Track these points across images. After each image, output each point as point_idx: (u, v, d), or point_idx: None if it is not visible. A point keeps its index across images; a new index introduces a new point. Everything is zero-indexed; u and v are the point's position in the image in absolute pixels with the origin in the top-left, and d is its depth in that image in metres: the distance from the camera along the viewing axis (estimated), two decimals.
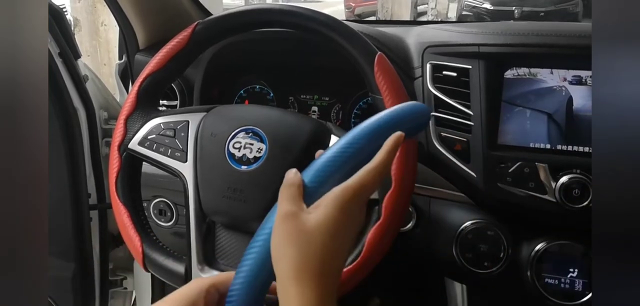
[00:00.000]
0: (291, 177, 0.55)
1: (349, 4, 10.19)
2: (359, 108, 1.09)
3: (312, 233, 0.50)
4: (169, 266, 0.75)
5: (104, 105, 1.27)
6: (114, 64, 1.26)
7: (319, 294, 0.48)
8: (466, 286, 1.08)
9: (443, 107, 0.85)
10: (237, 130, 0.74)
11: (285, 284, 0.50)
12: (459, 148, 0.84)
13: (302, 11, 0.75)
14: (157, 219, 1.03)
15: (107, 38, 3.59)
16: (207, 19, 0.79)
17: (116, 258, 1.37)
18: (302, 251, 0.49)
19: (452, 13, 9.00)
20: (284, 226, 0.51)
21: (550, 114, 0.82)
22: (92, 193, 1.24)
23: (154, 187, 1.00)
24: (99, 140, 1.24)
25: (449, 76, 0.85)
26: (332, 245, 0.50)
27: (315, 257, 0.49)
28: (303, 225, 0.50)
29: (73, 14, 3.52)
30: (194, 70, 1.03)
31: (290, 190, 0.54)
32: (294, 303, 0.49)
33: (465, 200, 0.88)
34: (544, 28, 0.83)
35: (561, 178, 0.79)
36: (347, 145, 0.55)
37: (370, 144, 0.55)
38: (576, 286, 0.83)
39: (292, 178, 0.55)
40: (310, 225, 0.50)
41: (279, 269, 0.51)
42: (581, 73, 0.80)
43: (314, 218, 0.51)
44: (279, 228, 0.52)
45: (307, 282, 0.49)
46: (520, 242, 0.85)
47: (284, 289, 0.50)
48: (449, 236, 0.86)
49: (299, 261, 0.49)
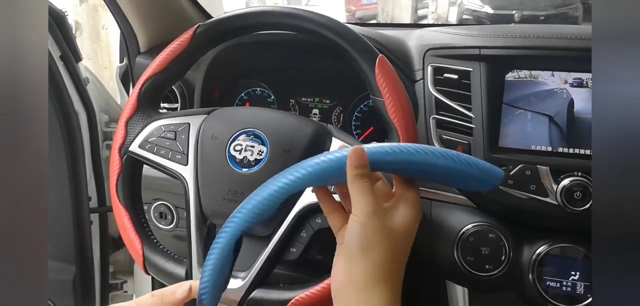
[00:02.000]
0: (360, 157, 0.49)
1: (350, 7, 10.20)
2: (360, 111, 1.09)
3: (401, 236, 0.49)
4: (169, 269, 0.74)
5: (105, 108, 1.28)
6: (114, 66, 1.26)
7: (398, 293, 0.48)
8: (467, 290, 1.08)
9: (444, 110, 0.85)
10: (238, 132, 0.73)
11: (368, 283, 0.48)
12: (460, 151, 0.84)
13: (303, 13, 0.75)
14: (157, 222, 1.03)
15: (108, 41, 3.60)
16: (208, 22, 0.79)
17: (116, 261, 1.37)
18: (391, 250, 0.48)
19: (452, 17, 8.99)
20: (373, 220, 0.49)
21: (552, 117, 0.82)
22: (93, 196, 1.24)
23: (155, 190, 1.00)
24: (99, 143, 1.24)
25: (450, 78, 0.85)
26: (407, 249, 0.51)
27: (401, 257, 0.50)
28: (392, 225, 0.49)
29: (74, 17, 3.53)
30: (194, 73, 1.03)
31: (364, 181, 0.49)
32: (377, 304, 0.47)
33: (466, 203, 0.88)
34: (545, 31, 0.83)
35: (562, 180, 0.79)
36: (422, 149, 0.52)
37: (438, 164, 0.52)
38: (578, 289, 0.82)
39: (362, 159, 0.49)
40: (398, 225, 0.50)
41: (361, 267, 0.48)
42: (582, 75, 0.80)
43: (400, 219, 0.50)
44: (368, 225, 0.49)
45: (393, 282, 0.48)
46: (522, 245, 0.85)
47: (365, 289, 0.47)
48: (450, 239, 0.86)
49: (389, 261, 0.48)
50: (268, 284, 0.71)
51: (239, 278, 0.71)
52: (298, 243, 0.71)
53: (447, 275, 0.98)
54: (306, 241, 0.71)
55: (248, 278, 0.70)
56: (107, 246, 1.30)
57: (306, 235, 0.71)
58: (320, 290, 0.68)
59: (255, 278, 0.70)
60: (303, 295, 0.68)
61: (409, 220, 0.50)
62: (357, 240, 0.49)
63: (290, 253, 0.72)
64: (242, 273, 0.72)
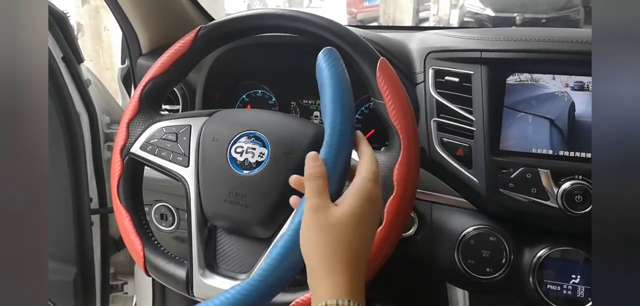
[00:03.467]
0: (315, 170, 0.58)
1: (351, 9, 10.21)
2: (361, 113, 1.09)
3: (342, 224, 0.54)
4: (170, 271, 0.74)
5: (106, 109, 1.28)
6: (116, 68, 1.26)
7: (348, 279, 0.52)
8: (468, 293, 1.08)
9: (445, 112, 0.85)
10: (239, 134, 0.74)
11: (317, 273, 0.54)
12: (461, 154, 0.84)
13: (304, 16, 0.76)
14: (158, 223, 1.03)
15: (109, 42, 3.61)
16: (210, 24, 0.79)
17: (117, 262, 1.37)
18: (333, 240, 0.54)
19: (453, 19, 8.99)
20: (314, 218, 0.55)
21: (553, 120, 0.82)
22: (94, 197, 1.24)
23: (155, 191, 1.00)
24: (101, 144, 1.24)
25: (451, 81, 0.85)
26: (360, 232, 0.55)
27: (345, 245, 0.54)
28: (332, 217, 0.54)
29: (76, 19, 3.53)
30: (196, 75, 1.03)
31: (315, 182, 0.57)
32: (326, 289, 0.52)
33: (467, 206, 0.88)
34: (546, 34, 0.83)
35: (563, 184, 0.79)
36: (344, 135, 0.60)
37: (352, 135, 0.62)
38: (578, 292, 0.82)
39: (316, 171, 0.58)
40: (339, 216, 0.54)
41: (311, 259, 0.55)
42: (583, 79, 0.80)
43: (342, 211, 0.55)
44: (310, 220, 0.55)
45: (339, 269, 0.53)
46: (523, 248, 0.85)
47: (316, 278, 0.54)
48: (451, 242, 0.86)
49: (331, 250, 0.53)
50: None
51: (240, 280, 0.71)
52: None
53: (448, 277, 0.98)
54: None
55: None
56: (108, 248, 1.30)
57: None
58: None
59: None
60: (304, 296, 0.68)
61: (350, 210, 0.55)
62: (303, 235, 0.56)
63: None
64: (242, 275, 0.72)
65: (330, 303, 0.51)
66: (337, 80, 0.62)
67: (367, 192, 0.56)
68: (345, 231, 0.54)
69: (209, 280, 0.72)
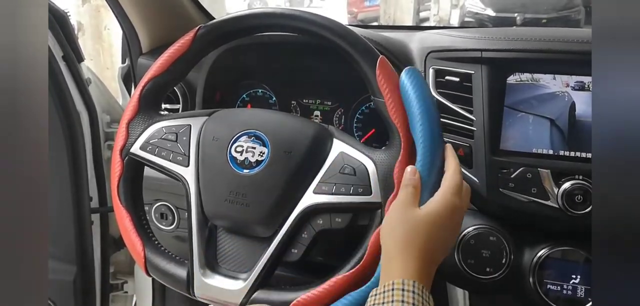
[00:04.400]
0: (411, 181, 0.64)
1: (352, 9, 10.20)
2: (361, 112, 1.09)
3: (421, 221, 0.60)
4: (170, 271, 0.74)
5: (107, 109, 1.28)
6: (116, 67, 1.26)
7: (419, 267, 0.58)
8: (468, 292, 1.08)
9: (445, 112, 0.85)
10: (239, 134, 0.74)
11: (392, 256, 0.60)
12: (462, 154, 0.84)
13: (304, 15, 0.75)
14: (158, 223, 1.03)
15: (110, 41, 3.61)
16: (209, 23, 0.79)
17: (117, 261, 1.37)
18: (411, 232, 0.60)
19: (454, 19, 8.98)
20: (397, 211, 0.62)
21: (553, 120, 0.82)
22: (94, 196, 1.24)
23: (156, 191, 1.00)
24: (101, 143, 1.24)
25: (451, 81, 0.85)
26: (436, 234, 0.61)
27: (419, 236, 0.60)
28: (413, 212, 0.61)
29: (77, 18, 3.53)
30: (196, 74, 1.03)
31: (408, 190, 0.63)
32: (397, 271, 0.58)
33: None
34: (547, 34, 0.83)
35: (564, 184, 0.79)
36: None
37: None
38: (578, 292, 0.82)
39: (412, 181, 0.64)
40: (420, 215, 0.61)
41: (388, 245, 0.62)
42: (584, 79, 0.80)
43: (423, 212, 0.61)
44: (392, 213, 0.63)
45: (411, 255, 0.59)
46: (523, 248, 0.85)
47: (390, 261, 0.60)
48: None
49: (406, 237, 0.60)
50: (270, 285, 0.71)
51: (241, 280, 0.71)
52: (299, 245, 0.71)
53: (448, 277, 0.97)
54: (307, 243, 0.71)
55: (250, 280, 0.70)
56: (108, 247, 1.30)
57: (307, 236, 0.71)
58: (322, 291, 0.68)
59: (257, 279, 0.70)
60: (305, 296, 0.68)
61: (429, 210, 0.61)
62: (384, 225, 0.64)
63: (291, 255, 0.72)
64: (243, 275, 0.72)
65: (397, 282, 0.56)
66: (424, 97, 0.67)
67: (448, 203, 0.62)
68: (422, 227, 0.60)
69: (210, 280, 0.72)
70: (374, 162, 0.69)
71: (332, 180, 0.69)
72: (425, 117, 0.66)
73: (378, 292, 0.58)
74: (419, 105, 0.67)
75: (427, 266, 0.60)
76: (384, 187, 0.68)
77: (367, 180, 0.68)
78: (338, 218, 0.70)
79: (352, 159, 0.70)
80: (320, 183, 0.70)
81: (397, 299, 0.55)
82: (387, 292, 0.56)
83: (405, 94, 0.68)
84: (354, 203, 0.68)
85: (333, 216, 0.70)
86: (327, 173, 0.70)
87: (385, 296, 0.56)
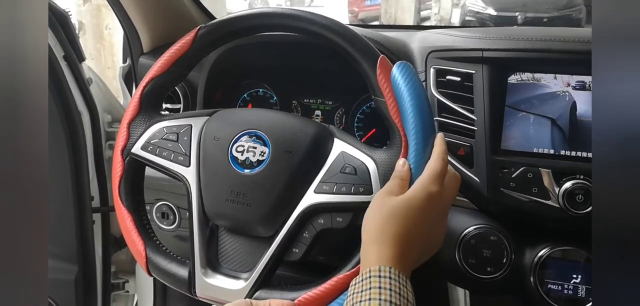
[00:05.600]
0: (400, 173, 0.65)
1: (353, 8, 10.19)
2: (362, 112, 1.09)
3: (396, 208, 0.60)
4: (172, 271, 0.75)
5: (108, 108, 1.28)
6: (118, 67, 1.26)
7: (395, 253, 0.58)
8: (469, 292, 1.08)
9: (446, 112, 0.85)
10: (240, 133, 0.74)
11: (368, 244, 0.60)
12: (463, 153, 0.84)
13: (304, 14, 0.75)
14: (159, 222, 1.03)
15: (111, 41, 3.61)
16: (210, 24, 0.79)
17: (118, 261, 1.38)
18: (385, 217, 0.60)
19: (455, 18, 8.98)
20: (377, 201, 0.63)
21: (554, 119, 0.82)
22: (95, 196, 1.24)
23: (157, 190, 1.01)
24: (102, 142, 1.24)
25: (452, 81, 0.85)
26: (411, 217, 0.60)
27: (394, 223, 0.60)
28: (391, 200, 0.61)
29: (78, 17, 3.54)
30: (197, 74, 1.03)
31: (395, 180, 0.64)
32: (372, 258, 0.58)
33: (468, 205, 0.88)
34: (548, 33, 0.83)
35: (564, 183, 0.79)
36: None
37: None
38: (579, 292, 0.82)
39: (400, 173, 0.65)
40: (397, 201, 0.61)
41: (366, 234, 0.62)
42: (585, 78, 0.80)
43: (400, 199, 0.61)
44: (373, 203, 0.63)
45: (387, 243, 0.59)
46: (524, 248, 0.85)
47: (367, 249, 0.60)
48: (452, 241, 0.86)
49: (382, 225, 0.60)
50: (271, 285, 0.71)
51: (242, 279, 0.71)
52: (300, 244, 0.71)
53: (449, 276, 0.98)
54: (308, 242, 0.71)
55: (251, 279, 0.70)
56: (109, 246, 1.31)
57: (308, 236, 0.71)
58: (323, 290, 0.68)
59: (258, 278, 0.70)
60: (306, 295, 0.68)
61: (407, 197, 0.61)
62: (365, 215, 0.64)
63: (292, 254, 0.72)
64: (244, 274, 0.72)
65: (374, 269, 0.57)
66: (414, 89, 0.68)
67: (425, 190, 0.61)
68: (398, 213, 0.60)
69: (211, 279, 0.72)
70: (375, 162, 0.69)
71: (333, 179, 0.69)
72: (415, 109, 0.67)
73: (357, 281, 0.58)
74: (409, 98, 0.67)
75: (405, 253, 0.59)
76: (384, 186, 0.68)
77: (368, 179, 0.68)
78: (339, 218, 0.70)
79: (353, 159, 0.70)
80: (321, 182, 0.70)
81: (374, 286, 0.55)
82: (365, 280, 0.56)
83: (397, 88, 0.69)
84: (355, 202, 0.68)
85: (334, 215, 0.70)
86: (328, 173, 0.70)
87: (363, 284, 0.56)
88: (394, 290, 0.55)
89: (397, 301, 0.54)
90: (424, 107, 0.67)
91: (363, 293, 0.55)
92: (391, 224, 0.60)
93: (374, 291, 0.54)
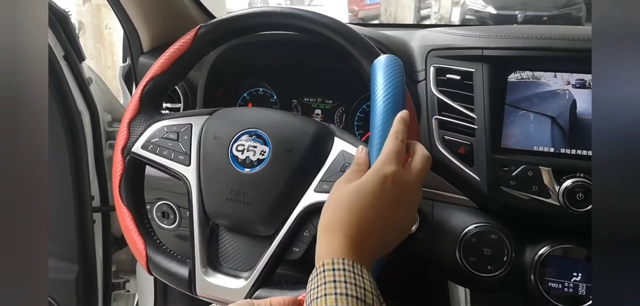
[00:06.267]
0: (357, 159, 0.64)
1: (352, 7, 10.19)
2: (362, 111, 1.09)
3: (344, 194, 0.59)
4: (172, 270, 0.75)
5: (108, 108, 1.28)
6: (118, 66, 1.26)
7: (347, 244, 0.56)
8: (469, 290, 1.08)
9: (446, 110, 0.85)
10: (240, 132, 0.74)
11: (320, 237, 0.59)
12: (463, 152, 0.84)
13: (304, 14, 0.76)
14: (159, 221, 1.03)
15: (111, 41, 3.61)
16: (209, 23, 0.79)
17: (119, 260, 1.38)
18: (334, 207, 0.59)
19: (455, 17, 8.97)
20: (331, 191, 0.62)
21: (554, 118, 0.82)
22: (95, 196, 1.24)
23: (157, 189, 1.00)
24: (102, 142, 1.24)
25: (452, 79, 0.85)
26: (362, 202, 0.58)
27: (345, 210, 0.58)
28: (340, 189, 0.60)
29: (77, 17, 3.54)
30: (197, 73, 1.03)
31: (352, 167, 0.63)
32: (324, 251, 0.57)
33: (468, 204, 0.88)
34: (548, 32, 0.83)
35: (565, 182, 0.79)
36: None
37: None
38: (580, 290, 0.82)
39: (357, 159, 0.64)
40: (347, 188, 0.59)
41: (319, 226, 0.60)
42: (585, 76, 0.80)
43: (351, 184, 0.59)
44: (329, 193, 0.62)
45: (337, 232, 0.57)
46: (524, 246, 0.85)
47: (319, 241, 0.59)
48: (453, 240, 0.86)
49: (331, 215, 0.59)
50: (271, 284, 0.71)
51: (242, 278, 0.71)
52: (301, 243, 0.71)
53: (449, 275, 0.98)
54: (309, 241, 0.71)
55: (251, 278, 0.70)
56: (110, 246, 1.30)
57: (309, 235, 0.71)
58: None
59: (258, 277, 0.70)
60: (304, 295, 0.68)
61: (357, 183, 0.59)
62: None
63: (293, 253, 0.72)
64: (245, 273, 0.72)
65: (327, 262, 0.54)
66: (384, 80, 0.67)
67: (379, 172, 0.59)
68: (348, 201, 0.58)
69: (212, 279, 0.72)
70: None
71: (333, 178, 0.69)
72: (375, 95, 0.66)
73: (311, 277, 0.55)
74: (374, 85, 0.67)
75: (360, 241, 0.57)
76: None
77: None
78: None
79: (353, 158, 0.70)
80: (322, 181, 0.70)
81: (328, 280, 0.53)
82: (320, 275, 0.54)
83: (372, 79, 0.69)
84: None
85: None
86: (328, 172, 0.70)
87: (318, 279, 0.54)
88: (350, 281, 0.52)
89: (353, 293, 0.51)
90: (388, 93, 0.65)
91: (318, 289, 0.53)
92: (342, 212, 0.58)
93: (329, 286, 0.52)
